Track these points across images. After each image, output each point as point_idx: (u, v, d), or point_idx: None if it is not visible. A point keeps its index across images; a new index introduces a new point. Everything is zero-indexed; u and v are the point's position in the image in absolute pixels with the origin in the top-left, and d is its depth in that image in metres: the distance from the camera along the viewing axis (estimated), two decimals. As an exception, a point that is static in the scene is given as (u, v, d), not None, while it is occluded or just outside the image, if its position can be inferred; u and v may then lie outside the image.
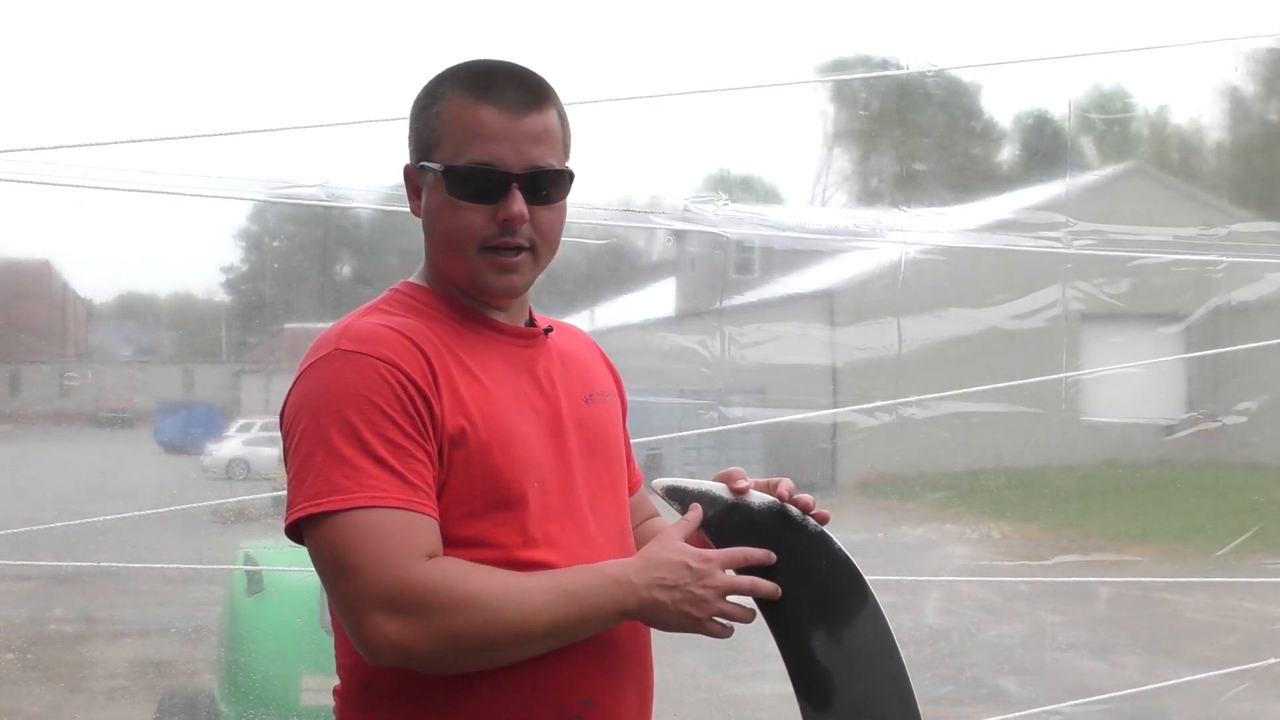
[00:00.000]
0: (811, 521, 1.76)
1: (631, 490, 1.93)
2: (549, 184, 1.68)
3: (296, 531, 1.60)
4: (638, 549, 1.86)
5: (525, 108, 1.66)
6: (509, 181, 1.65)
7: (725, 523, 1.75)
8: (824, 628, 1.73)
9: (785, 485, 1.77)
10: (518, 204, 1.65)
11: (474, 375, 1.67)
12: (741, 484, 1.76)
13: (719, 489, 1.77)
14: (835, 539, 1.76)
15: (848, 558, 1.76)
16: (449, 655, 1.57)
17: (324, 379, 1.61)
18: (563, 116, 1.72)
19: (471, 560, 1.61)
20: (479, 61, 1.71)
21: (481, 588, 1.56)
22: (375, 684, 1.66)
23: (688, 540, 1.72)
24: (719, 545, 1.74)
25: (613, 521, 1.78)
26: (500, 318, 1.75)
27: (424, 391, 1.60)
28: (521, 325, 1.77)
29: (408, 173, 1.75)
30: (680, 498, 1.78)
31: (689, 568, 1.63)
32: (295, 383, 1.66)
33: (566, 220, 1.74)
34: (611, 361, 1.96)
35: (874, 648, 1.73)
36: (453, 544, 1.61)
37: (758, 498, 1.77)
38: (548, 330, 1.79)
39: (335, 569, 1.57)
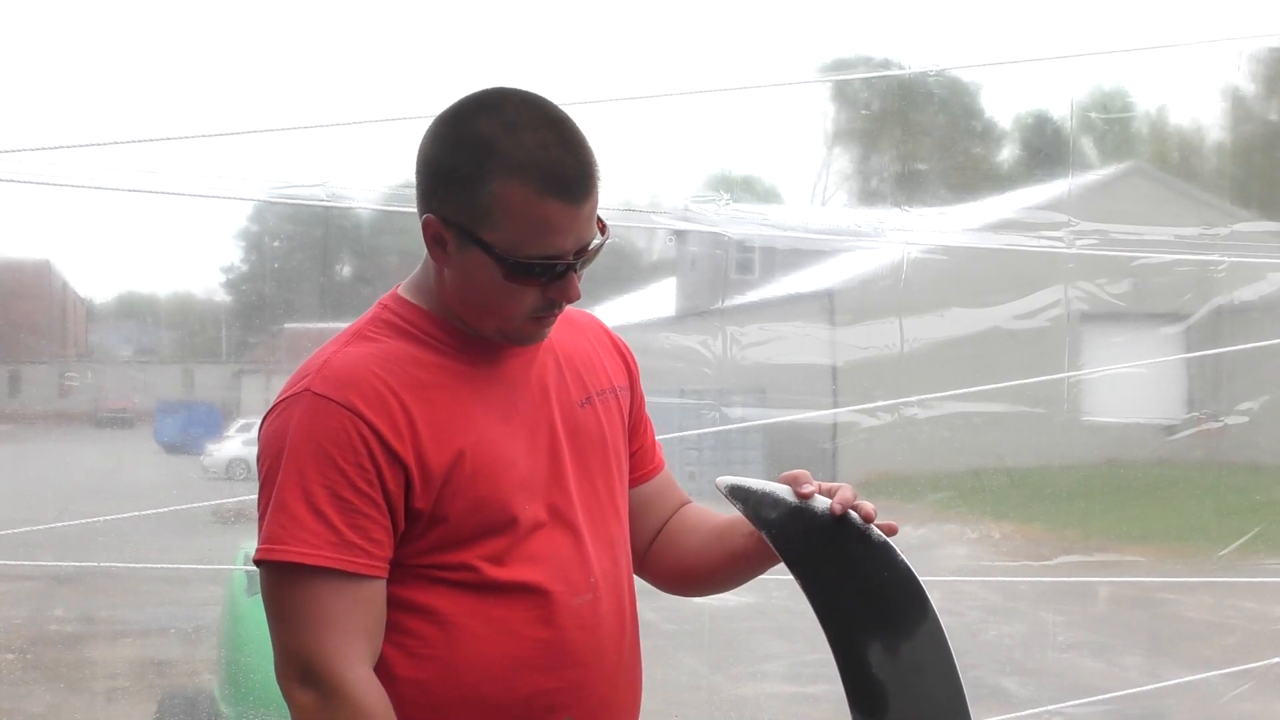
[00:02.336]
0: (875, 531, 1.73)
1: (652, 474, 1.92)
2: (596, 254, 1.66)
3: None
4: (674, 537, 1.88)
5: (586, 195, 1.60)
6: (568, 269, 1.63)
7: (789, 527, 1.73)
8: (882, 639, 1.71)
9: (845, 493, 1.74)
10: (575, 289, 1.64)
11: (461, 402, 1.65)
12: (807, 488, 1.74)
13: (784, 491, 1.75)
14: (898, 550, 1.74)
15: (910, 570, 1.74)
16: None
17: (289, 422, 1.61)
18: (599, 175, 1.66)
19: (455, 580, 1.63)
20: (523, 120, 1.60)
21: None
22: None
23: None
24: (780, 549, 1.74)
25: (606, 529, 1.76)
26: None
27: (388, 441, 1.59)
28: None
29: (430, 223, 1.63)
30: (744, 498, 1.76)
31: None
32: (268, 415, 1.66)
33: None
34: (622, 344, 1.91)
35: (932, 662, 1.72)
36: (447, 567, 1.63)
37: (823, 503, 1.74)
38: None
39: (270, 613, 1.62)
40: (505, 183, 1.57)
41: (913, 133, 5.96)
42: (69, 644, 5.18)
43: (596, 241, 1.64)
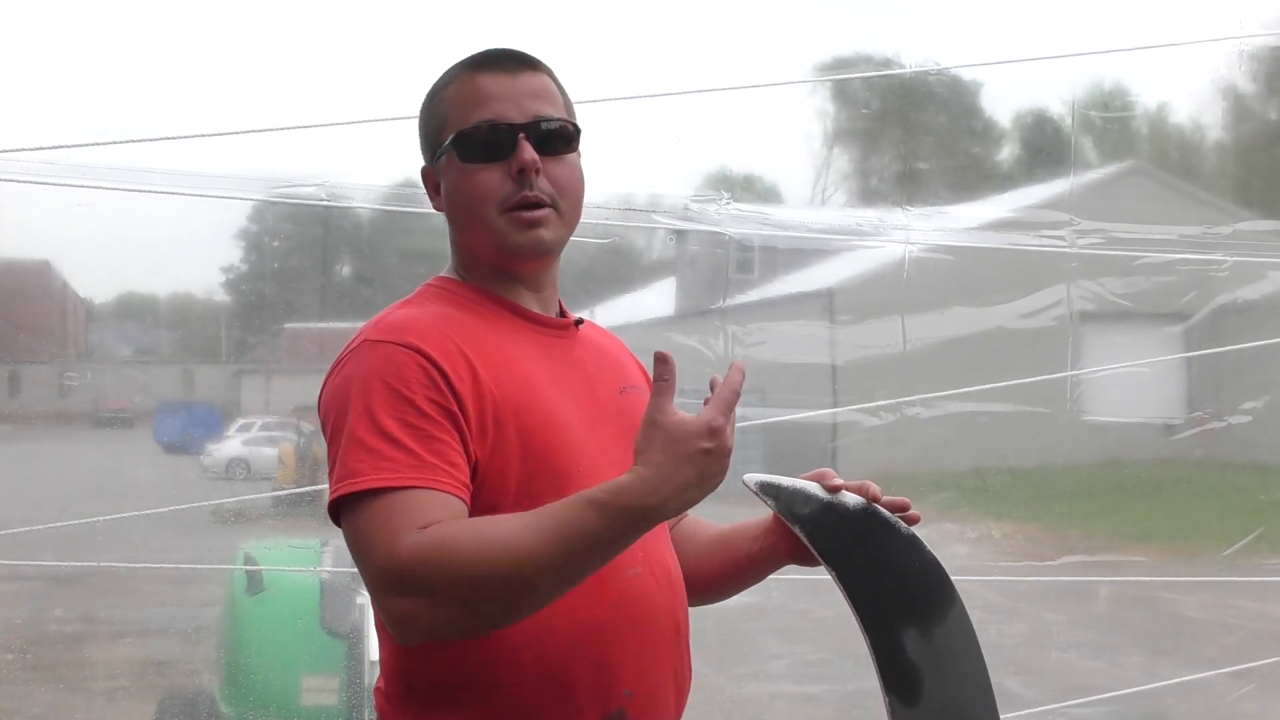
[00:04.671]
0: (902, 524, 1.79)
1: None
2: (555, 135, 1.70)
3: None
4: (675, 545, 1.86)
5: (519, 69, 1.71)
6: (515, 134, 1.68)
7: (821, 521, 1.76)
8: (916, 627, 1.78)
9: (874, 488, 1.78)
10: (528, 152, 1.67)
11: (514, 360, 1.67)
12: (836, 481, 1.77)
13: (813, 487, 1.78)
14: (924, 542, 1.80)
15: (936, 560, 1.81)
16: (462, 619, 1.52)
17: (351, 371, 1.62)
18: (560, 86, 1.76)
19: None
20: (466, 57, 1.76)
21: (474, 552, 1.48)
22: (417, 684, 1.66)
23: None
24: (814, 543, 1.76)
25: None
26: (533, 306, 1.75)
27: (448, 375, 1.59)
28: (553, 315, 1.78)
29: (426, 173, 1.78)
30: (775, 494, 1.77)
31: (706, 452, 1.50)
32: (327, 377, 1.68)
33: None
34: (640, 362, 1.94)
35: (961, 647, 1.79)
36: None
37: (851, 498, 1.78)
38: (579, 322, 1.80)
39: (354, 554, 1.57)
40: (449, 87, 1.74)
41: (913, 132, 5.96)
42: (69, 644, 5.18)
43: (554, 116, 1.71)
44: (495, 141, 1.68)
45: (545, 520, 1.50)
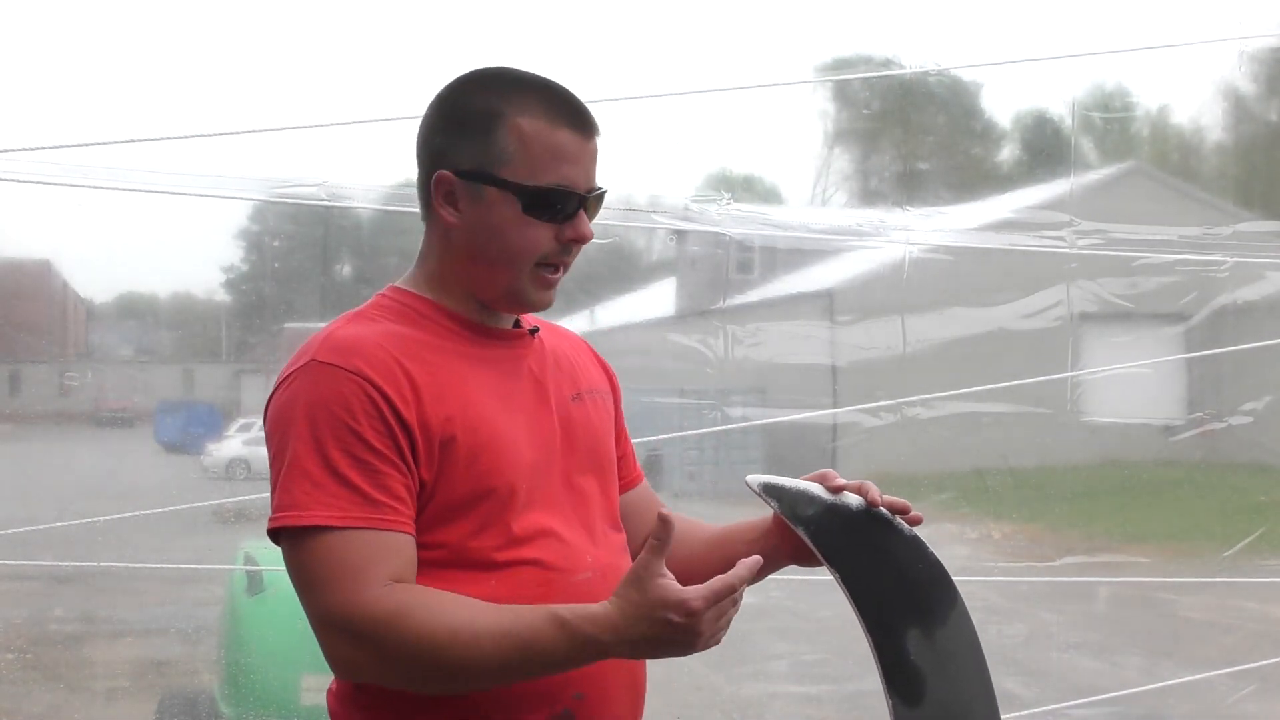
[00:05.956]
0: (905, 525, 1.79)
1: (634, 483, 1.93)
2: (599, 205, 1.73)
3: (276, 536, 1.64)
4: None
5: (591, 132, 1.71)
6: (580, 203, 1.69)
7: (825, 523, 1.76)
8: (919, 628, 1.77)
9: (874, 491, 1.78)
10: (586, 225, 1.70)
11: (460, 379, 1.67)
12: (839, 482, 1.78)
13: (816, 489, 1.78)
14: (926, 543, 1.80)
15: (939, 561, 1.80)
16: (401, 682, 1.59)
17: (297, 391, 1.63)
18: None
19: (456, 559, 1.62)
20: (528, 77, 1.72)
21: (431, 628, 1.54)
22: (366, 687, 1.67)
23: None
24: (817, 545, 1.76)
25: (599, 519, 1.77)
26: (487, 321, 1.75)
27: (395, 405, 1.60)
28: (508, 327, 1.78)
29: (443, 179, 1.69)
30: (778, 495, 1.78)
31: (671, 624, 1.52)
32: (274, 392, 1.67)
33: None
34: (605, 360, 1.95)
35: (964, 648, 1.79)
36: (442, 546, 1.62)
37: (853, 499, 1.78)
38: (533, 331, 1.79)
39: (298, 584, 1.60)
40: (521, 118, 1.67)
41: (913, 132, 5.96)
42: (69, 644, 5.17)
43: (603, 189, 1.72)
44: (561, 206, 1.68)
45: (508, 621, 1.54)
